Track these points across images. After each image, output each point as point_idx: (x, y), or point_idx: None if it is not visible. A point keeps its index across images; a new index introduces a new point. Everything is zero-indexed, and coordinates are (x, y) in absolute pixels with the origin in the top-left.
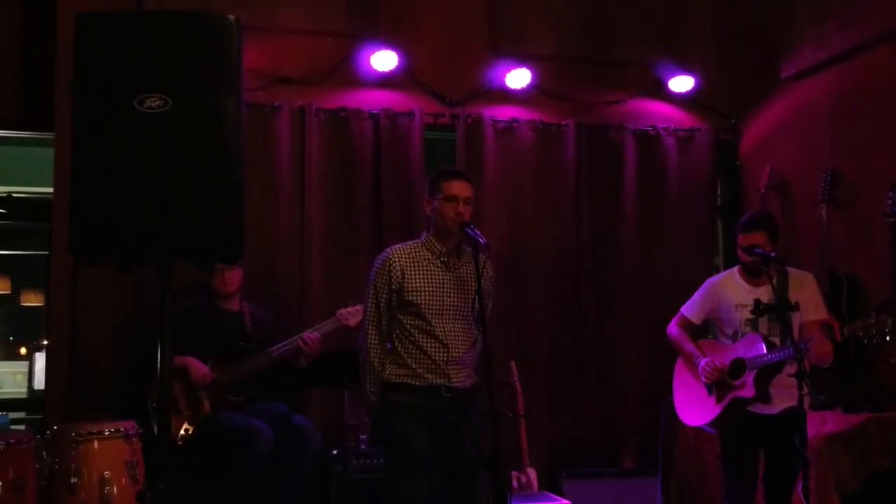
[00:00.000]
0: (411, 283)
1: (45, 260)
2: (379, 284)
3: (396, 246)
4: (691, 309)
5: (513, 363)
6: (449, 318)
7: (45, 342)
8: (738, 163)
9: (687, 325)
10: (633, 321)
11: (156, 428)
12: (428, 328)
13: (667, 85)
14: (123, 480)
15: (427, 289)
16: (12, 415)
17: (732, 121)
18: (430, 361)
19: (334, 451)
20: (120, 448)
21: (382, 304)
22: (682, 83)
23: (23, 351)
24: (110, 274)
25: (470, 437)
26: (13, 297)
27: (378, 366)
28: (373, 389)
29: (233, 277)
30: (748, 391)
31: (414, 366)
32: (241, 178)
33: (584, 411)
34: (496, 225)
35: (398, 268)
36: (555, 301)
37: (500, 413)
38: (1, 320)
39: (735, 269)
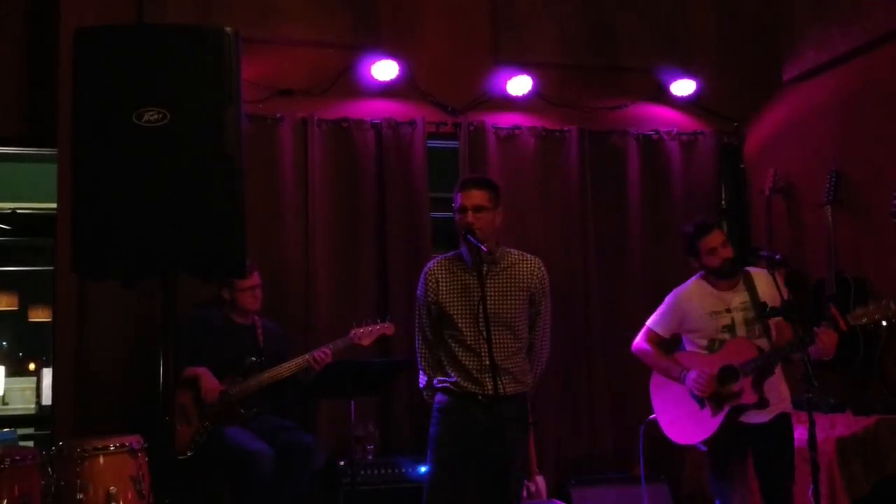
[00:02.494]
0: (445, 295)
1: (51, 275)
2: (421, 297)
3: (437, 257)
4: (659, 323)
5: None
6: (483, 327)
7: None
8: (742, 166)
9: (656, 340)
10: (639, 325)
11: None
12: (461, 337)
13: (669, 89)
14: (129, 495)
15: (459, 299)
16: (21, 430)
17: (736, 124)
18: (464, 370)
19: (341, 463)
20: (125, 463)
21: (425, 317)
22: (684, 87)
23: (31, 366)
24: (116, 288)
25: (507, 445)
26: (21, 313)
27: (430, 373)
28: (427, 394)
29: (258, 294)
30: (749, 397)
31: (453, 374)
32: (243, 190)
33: (593, 419)
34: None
35: (434, 280)
36: (562, 307)
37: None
38: (9, 336)
39: (698, 276)
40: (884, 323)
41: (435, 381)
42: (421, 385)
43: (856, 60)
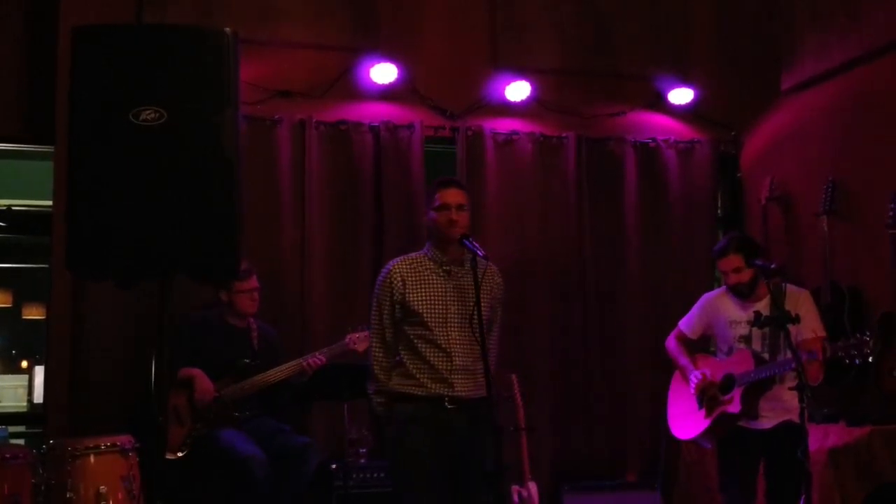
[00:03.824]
0: (413, 294)
1: (46, 273)
2: (381, 297)
3: (399, 258)
4: (688, 324)
5: (514, 377)
6: (454, 327)
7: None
8: (739, 175)
9: (684, 340)
10: (636, 333)
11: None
12: (431, 337)
13: (667, 97)
14: (119, 495)
15: (429, 298)
16: (12, 428)
17: (733, 133)
18: (433, 371)
19: (334, 466)
20: (116, 463)
21: (385, 317)
22: (682, 95)
23: (24, 364)
24: (111, 287)
25: (476, 450)
26: (15, 311)
27: (384, 377)
28: (378, 401)
29: (256, 297)
30: (735, 407)
31: (418, 375)
32: (240, 192)
33: (586, 425)
34: (497, 237)
35: (399, 279)
36: (557, 313)
37: (501, 427)
38: (3, 334)
39: (725, 287)
40: (857, 361)
41: (393, 386)
42: (370, 390)
43: (854, 71)
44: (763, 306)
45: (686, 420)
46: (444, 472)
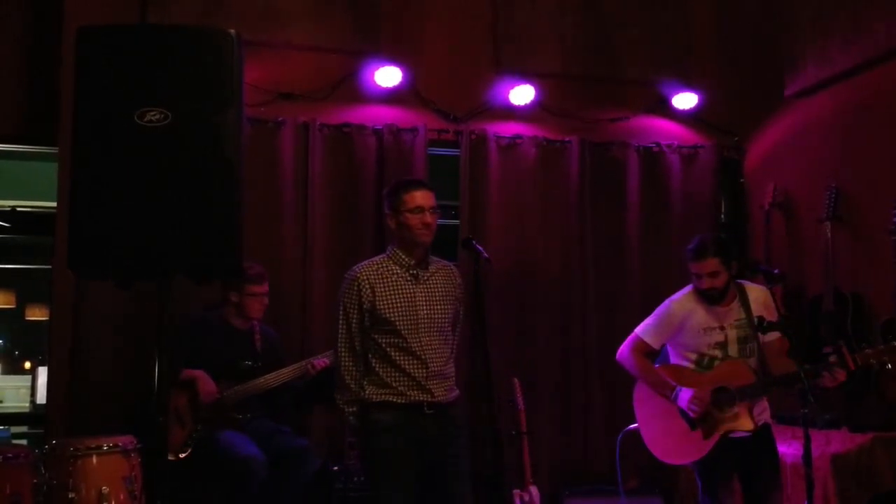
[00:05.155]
0: (383, 300)
1: (49, 274)
2: (348, 305)
3: (363, 263)
4: (651, 333)
5: (516, 380)
6: (425, 332)
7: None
8: (742, 180)
9: (644, 351)
10: None
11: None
12: (404, 345)
13: (671, 102)
14: (121, 496)
15: (400, 305)
16: (15, 429)
17: (736, 138)
18: (409, 379)
19: (335, 468)
20: (118, 463)
21: (354, 325)
22: (685, 100)
23: (27, 365)
24: (112, 287)
25: (458, 453)
26: (18, 311)
27: (355, 387)
28: (351, 410)
29: (265, 301)
30: (746, 424)
31: (394, 384)
32: (241, 193)
33: (587, 429)
34: (499, 240)
35: (368, 286)
36: (559, 317)
37: (502, 430)
38: (6, 334)
39: (691, 289)
40: (889, 366)
41: (369, 396)
42: (340, 401)
43: (856, 77)
44: (735, 310)
45: (677, 443)
46: (424, 476)
